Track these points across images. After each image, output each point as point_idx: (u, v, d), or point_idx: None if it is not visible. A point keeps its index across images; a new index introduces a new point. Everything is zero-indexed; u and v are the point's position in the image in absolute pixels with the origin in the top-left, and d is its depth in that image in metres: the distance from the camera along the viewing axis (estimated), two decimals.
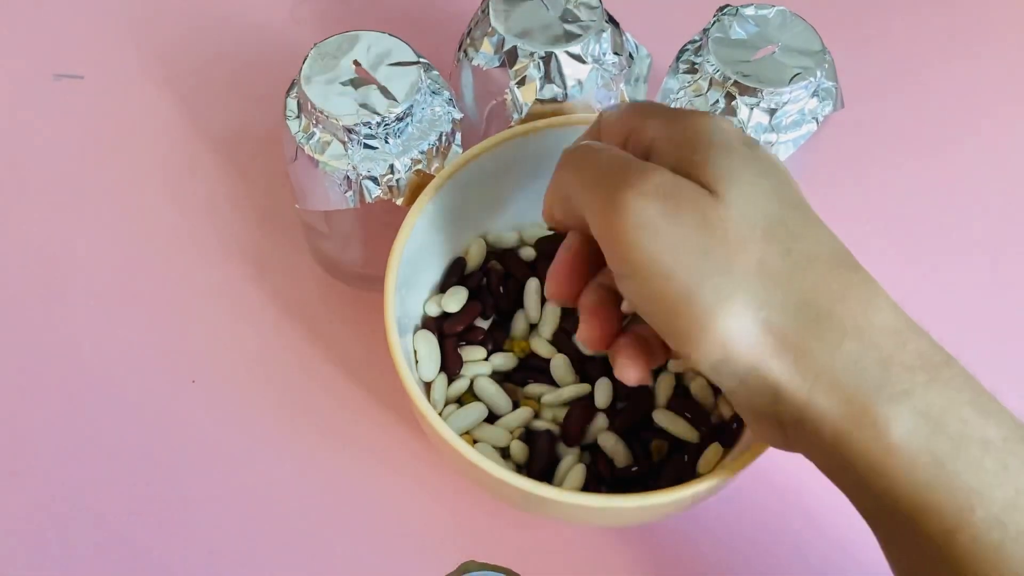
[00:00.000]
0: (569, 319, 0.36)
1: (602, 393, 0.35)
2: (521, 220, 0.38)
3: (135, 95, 0.46)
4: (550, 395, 0.35)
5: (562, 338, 0.36)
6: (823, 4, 0.43)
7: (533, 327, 0.37)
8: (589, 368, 0.36)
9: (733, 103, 0.36)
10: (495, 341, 0.36)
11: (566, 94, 0.36)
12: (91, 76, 0.46)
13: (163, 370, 0.39)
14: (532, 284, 0.36)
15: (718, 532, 0.36)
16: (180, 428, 0.38)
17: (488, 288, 0.37)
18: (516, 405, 0.35)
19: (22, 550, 0.35)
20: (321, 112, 0.33)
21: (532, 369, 0.36)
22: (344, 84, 0.33)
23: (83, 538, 0.35)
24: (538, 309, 0.36)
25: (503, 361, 0.36)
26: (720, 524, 0.36)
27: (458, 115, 0.35)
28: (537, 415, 0.35)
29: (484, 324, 0.37)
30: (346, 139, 0.33)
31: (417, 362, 0.35)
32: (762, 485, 0.36)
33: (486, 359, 0.36)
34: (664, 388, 0.35)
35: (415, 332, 0.36)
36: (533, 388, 0.35)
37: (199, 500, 0.36)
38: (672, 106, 0.37)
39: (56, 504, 0.36)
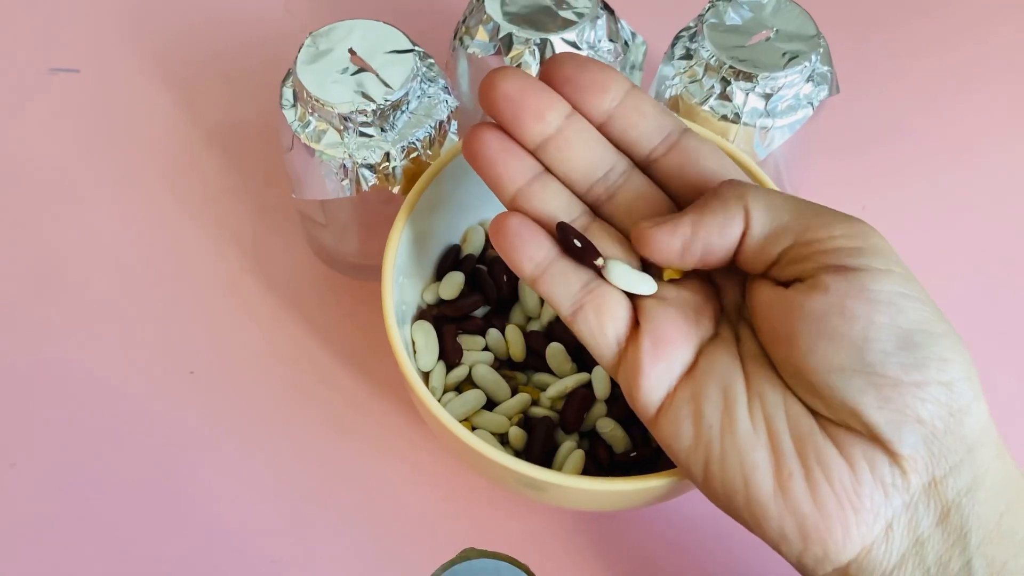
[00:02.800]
0: None
1: (601, 382, 0.35)
2: None
3: (131, 88, 0.46)
4: (553, 387, 0.35)
5: (559, 327, 0.36)
6: None
7: (531, 318, 0.37)
8: (586, 356, 0.36)
9: (728, 88, 0.36)
10: (494, 328, 0.36)
11: None
12: (87, 70, 0.46)
13: (161, 362, 0.39)
14: None
15: (717, 515, 0.36)
16: (178, 419, 0.38)
17: (490, 275, 0.37)
18: (515, 392, 0.35)
19: (20, 541, 0.35)
20: (317, 100, 0.33)
21: (529, 356, 0.36)
22: (339, 72, 0.33)
23: (81, 529, 0.35)
24: (536, 302, 0.37)
25: (501, 349, 0.36)
26: (717, 509, 0.36)
27: (454, 103, 0.35)
28: (536, 402, 0.35)
29: (482, 311, 0.37)
30: (342, 127, 0.33)
31: (415, 352, 0.35)
32: None
33: (485, 348, 0.36)
34: None
35: (413, 321, 0.36)
36: (537, 378, 0.36)
37: (197, 490, 0.36)
38: (667, 93, 0.37)
39: (54, 496, 0.36)
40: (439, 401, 0.35)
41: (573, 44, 0.36)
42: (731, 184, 0.27)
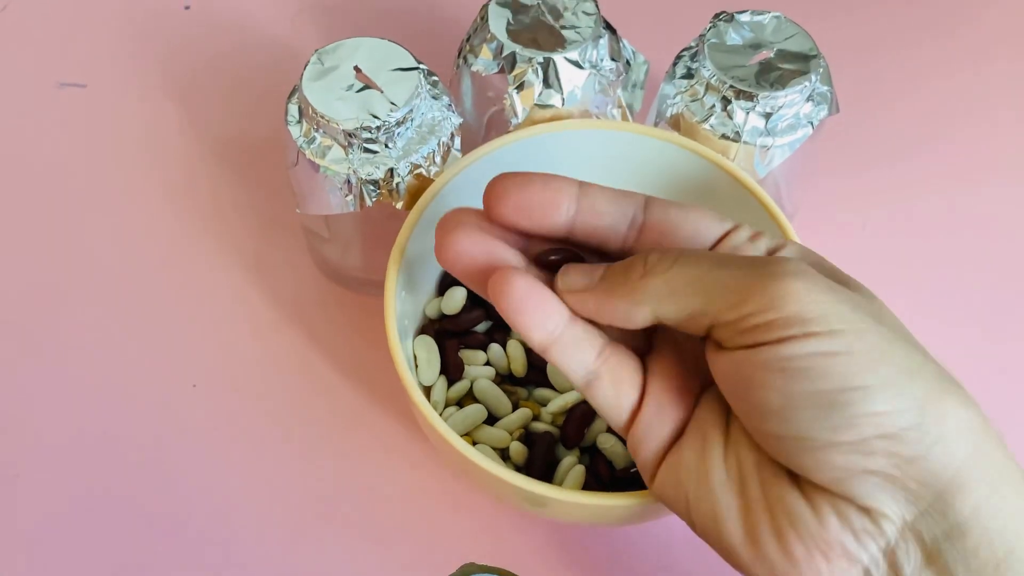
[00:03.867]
0: None
1: None
2: None
3: (137, 102, 0.46)
4: (554, 403, 0.35)
5: None
6: (818, 10, 0.44)
7: None
8: None
9: (729, 107, 0.36)
10: (495, 343, 0.36)
11: (564, 99, 0.37)
12: (93, 84, 0.47)
13: (164, 375, 0.39)
14: None
15: None
16: (181, 432, 0.38)
17: None
18: (516, 407, 0.35)
19: (22, 551, 0.35)
20: (322, 117, 0.33)
21: (530, 371, 0.36)
22: (345, 89, 0.34)
23: (82, 540, 0.35)
24: None
25: (503, 364, 0.36)
26: None
27: (457, 120, 0.35)
28: (537, 417, 0.35)
29: (484, 326, 0.37)
30: (346, 143, 0.34)
31: (417, 366, 0.35)
32: None
33: (486, 363, 0.36)
34: None
35: (415, 336, 0.36)
36: (538, 393, 0.36)
37: (198, 503, 0.36)
38: (668, 112, 0.38)
39: (58, 508, 0.36)
40: (440, 415, 0.35)
41: (575, 63, 0.36)
42: (630, 284, 0.25)
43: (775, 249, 0.27)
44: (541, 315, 0.26)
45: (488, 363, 0.36)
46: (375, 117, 0.33)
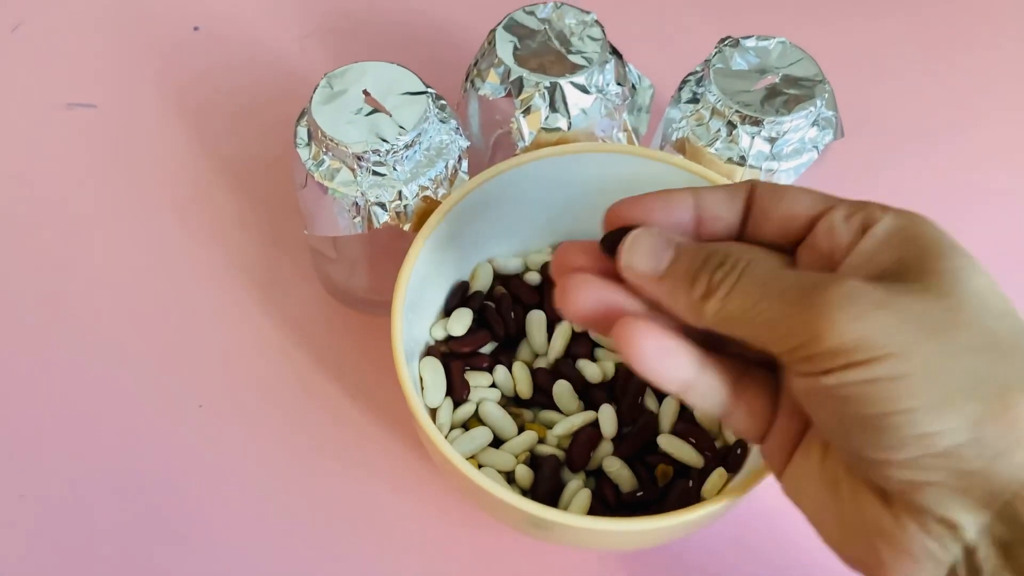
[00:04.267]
0: (576, 344, 0.37)
1: (607, 421, 0.35)
2: (526, 246, 0.39)
3: (146, 124, 0.46)
4: (559, 425, 0.35)
5: (566, 365, 0.36)
6: (823, 35, 0.44)
7: (538, 355, 0.37)
8: (593, 394, 0.36)
9: (734, 132, 0.36)
10: (501, 365, 0.37)
11: (570, 123, 0.37)
12: (103, 105, 0.47)
13: (170, 395, 0.39)
14: (536, 316, 0.37)
15: (721, 557, 0.36)
16: (187, 453, 0.38)
17: (498, 312, 0.37)
18: (521, 429, 0.35)
19: (27, 572, 0.35)
20: (331, 140, 0.33)
21: (536, 393, 0.36)
22: (354, 113, 0.34)
23: (87, 559, 0.35)
24: (543, 339, 0.37)
25: (508, 386, 0.36)
26: (723, 549, 0.36)
27: (465, 143, 0.36)
28: (542, 440, 0.35)
29: (490, 348, 0.37)
30: (355, 166, 0.34)
31: (423, 388, 0.35)
32: (765, 509, 0.36)
33: (492, 385, 0.36)
34: (669, 413, 0.35)
35: (421, 358, 0.36)
36: (544, 416, 0.36)
37: (204, 524, 0.36)
38: (674, 136, 0.38)
39: (63, 528, 0.36)
40: (446, 438, 0.35)
41: (582, 88, 0.37)
42: (691, 299, 0.26)
43: (868, 225, 0.27)
44: (673, 370, 0.26)
45: (494, 385, 0.36)
46: (384, 140, 0.33)
